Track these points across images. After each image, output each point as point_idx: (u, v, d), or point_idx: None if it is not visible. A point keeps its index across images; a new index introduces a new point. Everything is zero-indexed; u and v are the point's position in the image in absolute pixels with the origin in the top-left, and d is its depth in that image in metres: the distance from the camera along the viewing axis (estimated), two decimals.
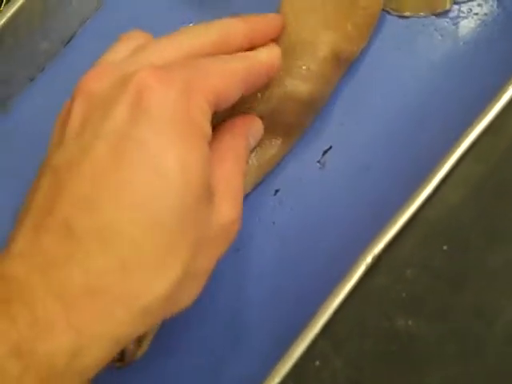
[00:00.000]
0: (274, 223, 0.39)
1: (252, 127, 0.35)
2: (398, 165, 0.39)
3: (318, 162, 0.39)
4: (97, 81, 0.28)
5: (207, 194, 0.28)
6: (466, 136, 0.35)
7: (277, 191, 0.39)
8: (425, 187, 0.34)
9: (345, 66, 0.38)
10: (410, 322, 0.32)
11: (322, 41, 0.36)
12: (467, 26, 0.40)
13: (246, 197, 0.38)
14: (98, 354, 0.25)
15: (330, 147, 0.40)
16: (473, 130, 0.35)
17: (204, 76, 0.29)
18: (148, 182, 0.25)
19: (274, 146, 0.37)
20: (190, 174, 0.26)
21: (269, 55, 0.33)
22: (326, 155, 0.39)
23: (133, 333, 0.26)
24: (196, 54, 0.30)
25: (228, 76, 0.30)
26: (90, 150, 0.26)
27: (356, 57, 0.39)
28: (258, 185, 0.39)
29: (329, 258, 0.37)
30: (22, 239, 0.26)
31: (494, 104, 0.36)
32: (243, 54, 0.32)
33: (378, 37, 0.41)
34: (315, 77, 0.36)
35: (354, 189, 0.39)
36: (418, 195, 0.34)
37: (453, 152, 0.35)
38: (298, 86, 0.36)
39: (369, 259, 0.32)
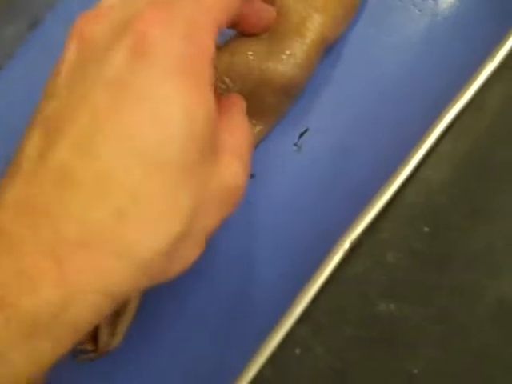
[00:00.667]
0: (250, 209, 0.38)
1: (241, 102, 0.33)
2: (377, 146, 0.38)
3: (295, 144, 0.38)
4: (94, 24, 0.26)
5: (212, 149, 0.27)
6: (446, 114, 0.35)
7: (252, 176, 0.38)
8: (403, 168, 0.34)
9: (326, 48, 0.37)
10: (391, 306, 0.31)
11: (311, 25, 0.35)
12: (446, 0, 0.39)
13: None
14: (88, 309, 0.23)
15: (307, 130, 0.38)
16: (453, 107, 0.35)
17: (207, 11, 0.27)
18: (149, 130, 0.24)
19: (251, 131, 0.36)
20: (194, 124, 0.25)
21: None
22: (303, 138, 0.38)
23: (127, 290, 0.24)
24: None
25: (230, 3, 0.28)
26: (86, 98, 0.24)
27: (337, 39, 0.38)
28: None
29: (306, 244, 0.36)
30: (12, 190, 0.24)
31: (474, 80, 0.35)
32: None
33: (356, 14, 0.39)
34: (298, 62, 0.35)
35: (331, 172, 0.38)
36: (396, 177, 0.33)
37: (432, 131, 0.35)
38: (279, 70, 0.35)
39: (346, 245, 0.31)
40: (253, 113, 0.35)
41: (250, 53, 0.34)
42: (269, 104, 0.36)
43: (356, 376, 0.31)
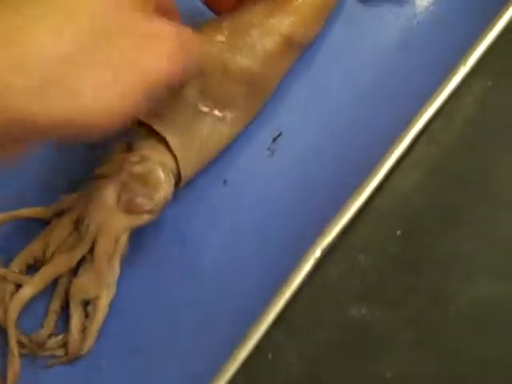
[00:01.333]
0: (222, 214, 0.37)
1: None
2: (350, 150, 0.38)
3: (268, 149, 0.38)
4: None
5: None
6: (418, 119, 0.35)
7: (225, 181, 0.38)
8: (376, 173, 0.34)
9: (297, 50, 0.37)
10: (363, 311, 0.31)
11: (276, 22, 0.35)
12: (421, 4, 0.40)
13: (194, 186, 0.37)
14: None
15: (280, 134, 0.38)
16: (425, 112, 0.35)
17: None
18: None
19: (219, 126, 0.36)
20: None
21: None
22: (276, 142, 0.38)
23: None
24: None
25: None
26: None
27: (310, 42, 0.38)
28: (201, 171, 0.37)
29: (280, 249, 0.35)
30: None
31: (445, 86, 0.35)
32: None
33: (331, 18, 0.40)
34: (259, 55, 0.35)
35: (304, 176, 0.38)
36: (369, 182, 0.33)
37: (405, 136, 0.35)
38: (239, 61, 0.35)
39: (318, 252, 0.31)
40: (219, 105, 0.35)
41: (212, 44, 0.35)
42: (235, 94, 0.36)
43: (329, 380, 0.31)
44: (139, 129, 0.34)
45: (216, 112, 0.35)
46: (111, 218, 0.33)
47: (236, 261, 0.36)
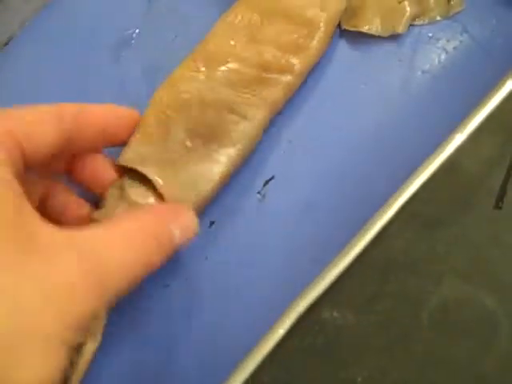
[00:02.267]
0: (206, 258, 0.37)
1: (181, 217, 0.32)
2: (343, 204, 0.38)
3: (258, 192, 0.39)
4: None
5: (17, 240, 0.24)
6: (417, 177, 0.34)
7: (212, 223, 0.38)
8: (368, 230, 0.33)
9: (283, 79, 0.38)
10: (335, 314, 0.31)
11: (252, 52, 0.38)
12: (425, 52, 0.41)
13: None
14: None
15: (272, 177, 0.39)
16: (424, 170, 0.35)
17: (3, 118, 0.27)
18: None
19: (209, 164, 0.36)
20: None
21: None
22: (268, 186, 0.39)
23: None
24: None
25: (28, 116, 0.28)
26: None
27: (301, 73, 0.39)
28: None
29: (261, 301, 0.35)
30: None
31: (448, 143, 0.35)
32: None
33: (333, 58, 0.41)
34: (236, 84, 0.37)
35: (292, 226, 0.37)
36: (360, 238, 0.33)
37: (399, 195, 0.34)
38: (216, 91, 0.37)
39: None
40: (210, 139, 0.36)
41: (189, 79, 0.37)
42: (220, 128, 0.36)
43: None
44: (130, 174, 0.35)
45: (204, 149, 0.36)
46: None
47: (214, 307, 0.36)
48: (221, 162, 0.36)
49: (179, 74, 0.38)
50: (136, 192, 0.34)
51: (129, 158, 0.34)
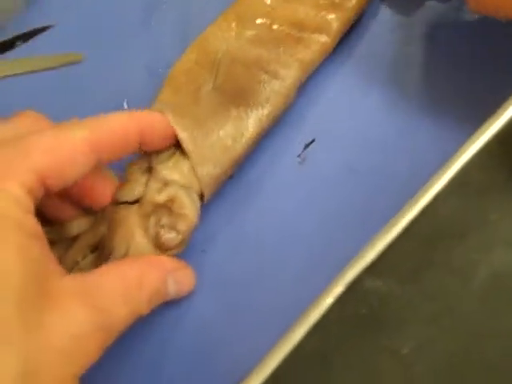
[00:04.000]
0: (241, 224, 0.36)
1: (179, 271, 0.33)
2: (389, 169, 0.37)
3: (298, 156, 0.38)
4: None
5: (40, 295, 0.24)
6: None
7: (247, 186, 0.37)
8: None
9: (320, 39, 0.37)
10: (378, 283, 0.30)
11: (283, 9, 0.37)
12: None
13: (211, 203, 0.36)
14: None
15: (313, 140, 0.38)
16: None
17: (22, 155, 0.26)
18: None
19: (241, 125, 0.35)
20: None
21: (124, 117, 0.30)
22: (308, 149, 0.38)
23: None
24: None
25: (58, 148, 0.27)
26: None
27: (337, 33, 0.38)
28: (229, 178, 0.36)
29: (300, 271, 0.34)
30: None
31: (499, 115, 0.32)
32: (92, 118, 0.29)
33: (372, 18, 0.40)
34: (269, 42, 0.36)
35: (334, 191, 0.36)
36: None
37: (452, 163, 0.31)
38: (248, 49, 0.36)
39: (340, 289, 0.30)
40: (241, 99, 0.35)
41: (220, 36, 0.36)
42: (251, 87, 0.35)
43: (340, 357, 0.29)
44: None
45: (234, 109, 0.35)
46: (139, 248, 0.32)
47: (258, 274, 0.35)
48: (250, 121, 0.35)
49: (210, 31, 0.38)
50: (165, 166, 0.33)
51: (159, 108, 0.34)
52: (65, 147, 0.27)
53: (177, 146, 0.33)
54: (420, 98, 0.37)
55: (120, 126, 0.29)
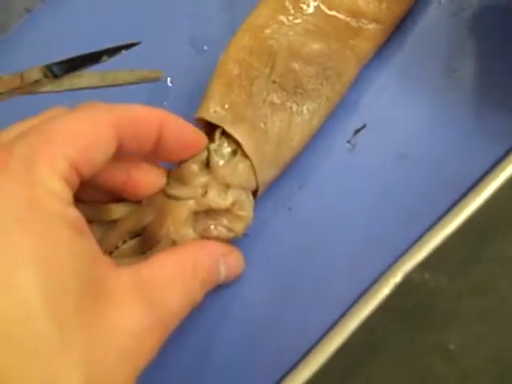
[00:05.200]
0: (289, 209, 0.35)
1: (230, 255, 0.32)
2: (443, 157, 0.35)
3: (348, 142, 0.37)
4: None
5: (95, 296, 0.23)
6: None
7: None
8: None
9: (377, 29, 0.35)
10: (426, 276, 0.29)
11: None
12: None
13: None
14: None
15: (364, 125, 0.37)
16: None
17: (47, 139, 0.24)
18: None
19: (297, 119, 0.33)
20: (53, 273, 0.21)
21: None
22: (358, 135, 0.37)
23: None
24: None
25: (82, 130, 0.25)
26: None
27: (394, 23, 0.36)
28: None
29: (345, 260, 0.34)
30: None
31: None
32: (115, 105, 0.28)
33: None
34: (329, 35, 0.34)
35: (385, 179, 0.35)
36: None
37: None
38: (307, 43, 0.34)
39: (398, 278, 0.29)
40: (298, 93, 0.34)
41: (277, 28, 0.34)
42: (309, 81, 0.34)
43: (387, 350, 0.29)
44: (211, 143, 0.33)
45: (291, 103, 0.34)
46: (187, 240, 0.31)
47: (299, 259, 0.34)
48: (309, 118, 0.34)
49: (262, 14, 0.35)
50: (224, 164, 0.32)
51: (213, 113, 0.32)
52: (89, 129, 0.26)
53: (235, 143, 0.32)
54: (474, 87, 0.36)
55: (142, 113, 0.28)
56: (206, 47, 0.39)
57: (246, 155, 0.32)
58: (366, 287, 0.32)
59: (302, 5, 0.35)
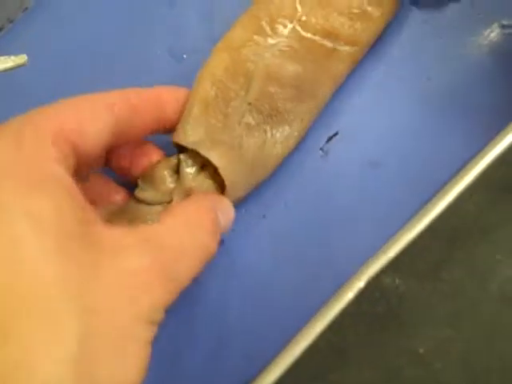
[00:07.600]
0: (264, 216, 0.36)
1: (220, 203, 0.32)
2: (411, 164, 0.35)
3: (321, 149, 0.37)
4: None
5: (82, 238, 0.23)
6: None
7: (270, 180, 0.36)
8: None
9: (350, 51, 0.35)
10: (397, 281, 0.29)
11: (313, 17, 0.35)
12: None
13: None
14: None
15: (337, 133, 0.37)
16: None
17: (46, 113, 0.26)
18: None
19: (270, 141, 0.34)
20: (45, 223, 0.22)
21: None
22: (331, 142, 0.37)
23: None
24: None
25: (77, 104, 0.27)
26: None
27: (368, 44, 0.36)
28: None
29: (321, 261, 0.34)
30: None
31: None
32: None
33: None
34: (305, 58, 0.34)
35: (356, 185, 0.36)
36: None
37: (480, 159, 0.31)
38: (284, 66, 0.34)
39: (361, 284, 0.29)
40: (273, 115, 0.34)
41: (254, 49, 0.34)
42: (284, 104, 0.34)
43: (357, 355, 0.29)
44: (183, 153, 0.33)
45: (269, 131, 0.34)
46: None
47: (284, 258, 0.34)
48: (283, 141, 0.34)
49: (241, 33, 0.35)
50: (193, 176, 0.32)
51: (189, 137, 0.32)
52: (83, 104, 0.27)
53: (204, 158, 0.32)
54: (449, 93, 0.36)
55: (142, 91, 0.30)
56: (184, 55, 0.39)
57: (213, 174, 0.32)
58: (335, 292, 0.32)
59: (278, 26, 0.35)
